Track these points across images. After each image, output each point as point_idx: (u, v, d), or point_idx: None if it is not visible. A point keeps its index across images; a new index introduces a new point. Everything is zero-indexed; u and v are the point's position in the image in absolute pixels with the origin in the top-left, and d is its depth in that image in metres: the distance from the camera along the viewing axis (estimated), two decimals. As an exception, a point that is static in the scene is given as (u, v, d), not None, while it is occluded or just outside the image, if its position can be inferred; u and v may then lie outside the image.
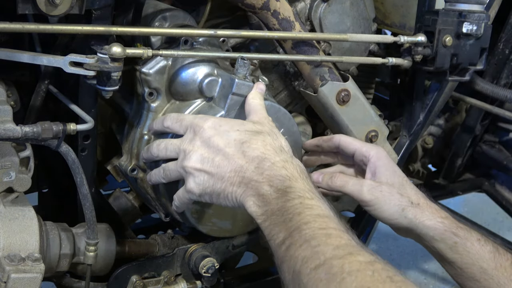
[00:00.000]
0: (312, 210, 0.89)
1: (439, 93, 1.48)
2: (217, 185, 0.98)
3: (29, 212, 1.02)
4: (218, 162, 0.98)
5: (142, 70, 1.12)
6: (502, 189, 2.13)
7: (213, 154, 0.99)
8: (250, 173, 0.96)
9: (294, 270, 0.82)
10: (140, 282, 1.19)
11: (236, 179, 0.97)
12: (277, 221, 0.90)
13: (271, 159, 0.97)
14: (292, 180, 0.95)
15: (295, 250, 0.83)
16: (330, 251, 0.80)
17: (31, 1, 0.91)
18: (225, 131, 1.00)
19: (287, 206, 0.90)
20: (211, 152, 0.99)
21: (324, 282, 0.76)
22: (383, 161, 1.15)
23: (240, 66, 1.11)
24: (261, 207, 0.94)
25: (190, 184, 1.01)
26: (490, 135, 2.06)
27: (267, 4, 1.16)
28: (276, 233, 0.89)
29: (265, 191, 0.94)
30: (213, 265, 1.23)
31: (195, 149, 1.01)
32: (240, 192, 0.97)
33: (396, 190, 1.11)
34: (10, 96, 1.12)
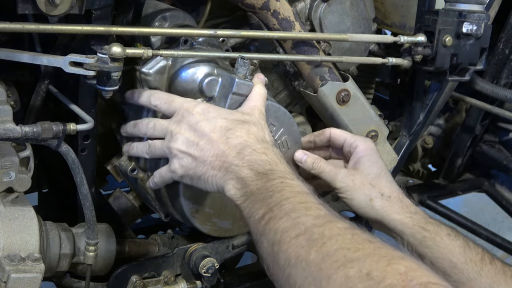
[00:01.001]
0: (292, 188, 0.92)
1: (439, 93, 1.48)
2: (199, 168, 1.02)
3: (29, 212, 1.02)
4: (202, 146, 1.02)
5: (142, 70, 1.12)
6: (502, 189, 2.13)
7: (198, 138, 1.02)
8: (231, 158, 0.99)
9: (274, 241, 0.83)
10: (140, 282, 1.19)
11: (217, 163, 1.00)
12: (257, 199, 0.92)
13: (252, 146, 1.00)
14: (272, 164, 0.98)
15: (275, 223, 0.85)
16: (310, 221, 0.82)
17: (31, 1, 0.91)
18: (213, 118, 1.03)
19: (267, 185, 0.93)
20: (196, 136, 1.02)
21: (305, 248, 0.78)
22: (366, 153, 1.18)
23: (240, 65, 1.11)
24: (240, 189, 0.96)
25: (174, 165, 1.05)
26: (490, 135, 2.06)
27: (267, 4, 1.16)
28: (255, 210, 0.91)
29: (245, 174, 0.97)
30: (213, 265, 1.23)
31: (181, 131, 1.04)
32: (221, 176, 1.00)
33: (368, 181, 1.15)
34: (10, 96, 1.12)
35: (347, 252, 0.74)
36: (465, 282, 1.06)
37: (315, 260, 0.75)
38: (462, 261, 1.07)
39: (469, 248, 1.08)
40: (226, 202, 1.19)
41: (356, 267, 0.71)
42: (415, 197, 1.95)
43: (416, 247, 1.10)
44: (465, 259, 1.07)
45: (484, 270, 1.05)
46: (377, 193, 1.14)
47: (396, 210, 1.13)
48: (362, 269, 0.70)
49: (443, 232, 1.10)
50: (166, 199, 1.19)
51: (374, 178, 1.16)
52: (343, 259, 0.73)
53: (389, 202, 1.13)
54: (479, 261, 1.06)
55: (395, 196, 1.15)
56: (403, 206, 1.14)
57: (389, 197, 1.14)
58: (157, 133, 1.08)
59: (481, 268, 1.06)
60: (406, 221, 1.12)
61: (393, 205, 1.13)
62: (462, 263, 1.07)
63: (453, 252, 1.08)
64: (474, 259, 1.07)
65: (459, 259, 1.07)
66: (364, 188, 1.15)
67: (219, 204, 1.19)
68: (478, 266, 1.06)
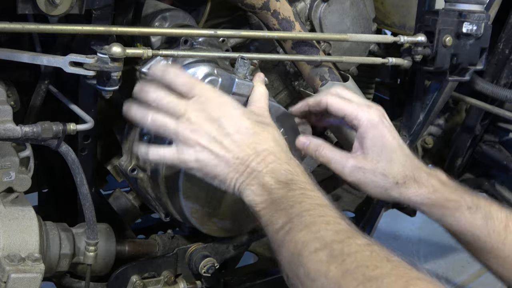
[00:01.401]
0: (312, 199, 0.91)
1: (439, 93, 1.48)
2: (219, 168, 0.97)
3: (29, 212, 1.02)
4: (226, 145, 0.97)
5: (142, 70, 1.12)
6: (502, 189, 2.13)
7: (222, 137, 0.97)
8: (255, 164, 0.96)
9: (294, 253, 0.83)
10: (140, 282, 1.19)
11: (240, 167, 0.97)
12: (277, 208, 0.91)
13: (276, 154, 0.98)
14: (294, 175, 0.96)
15: (295, 234, 0.84)
16: (330, 236, 0.82)
17: (31, 1, 0.91)
18: (237, 116, 0.99)
19: (288, 195, 0.91)
20: (220, 134, 0.97)
21: (325, 264, 0.78)
22: (372, 132, 1.09)
23: (240, 65, 1.11)
24: (261, 196, 0.94)
25: (187, 156, 0.98)
26: (490, 135, 2.06)
27: (267, 4, 1.16)
28: (275, 219, 0.90)
29: (266, 181, 0.94)
30: (213, 265, 1.23)
31: (203, 123, 0.97)
32: (241, 180, 0.97)
33: (380, 171, 1.09)
34: (10, 96, 1.12)
35: (365, 270, 0.74)
36: (490, 251, 1.05)
37: (335, 276, 0.76)
38: (485, 233, 1.05)
39: (491, 219, 1.06)
40: (226, 202, 1.19)
41: (375, 286, 0.71)
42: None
43: (438, 221, 1.09)
44: (488, 231, 1.05)
45: (508, 239, 1.04)
46: (391, 183, 1.09)
47: (413, 192, 1.09)
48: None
49: (463, 207, 1.07)
50: (166, 199, 1.19)
51: (386, 166, 1.09)
52: (362, 277, 0.73)
53: (404, 187, 1.09)
54: (503, 230, 1.05)
55: (410, 178, 1.09)
56: (419, 186, 1.09)
57: (404, 183, 1.09)
58: (168, 107, 0.98)
59: (505, 237, 1.04)
60: (424, 202, 1.09)
61: (409, 189, 1.09)
62: (485, 236, 1.05)
63: (474, 226, 1.06)
64: (498, 229, 1.05)
65: (481, 232, 1.05)
66: (377, 180, 1.09)
67: (219, 204, 1.19)
68: (501, 235, 1.04)
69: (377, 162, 1.09)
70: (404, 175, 1.09)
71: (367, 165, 1.09)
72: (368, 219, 1.60)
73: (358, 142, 1.11)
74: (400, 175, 1.09)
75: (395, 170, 1.09)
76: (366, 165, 1.09)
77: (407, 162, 1.10)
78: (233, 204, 1.20)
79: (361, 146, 1.10)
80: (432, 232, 2.92)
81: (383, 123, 1.10)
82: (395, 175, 1.09)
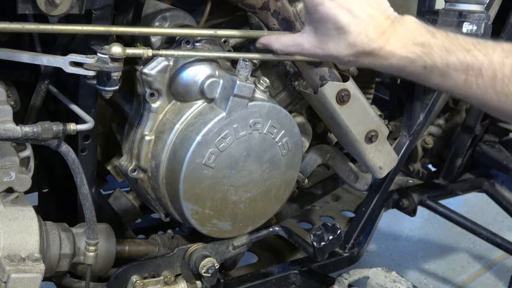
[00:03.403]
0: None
1: (439, 93, 1.48)
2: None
3: (29, 212, 1.02)
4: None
5: (143, 70, 1.12)
6: (502, 189, 2.14)
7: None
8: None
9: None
10: (140, 282, 1.19)
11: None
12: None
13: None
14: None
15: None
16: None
17: (31, 1, 0.91)
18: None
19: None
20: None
21: None
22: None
23: (242, 67, 1.11)
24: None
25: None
26: (490, 135, 2.07)
27: (267, 4, 1.16)
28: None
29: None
30: (213, 265, 1.23)
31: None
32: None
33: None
34: (10, 96, 1.13)
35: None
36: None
37: None
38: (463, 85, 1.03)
39: (472, 74, 1.01)
40: (226, 203, 1.19)
41: None
42: (415, 197, 1.95)
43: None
44: (466, 83, 1.02)
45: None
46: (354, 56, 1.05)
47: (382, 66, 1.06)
48: None
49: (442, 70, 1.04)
50: (166, 199, 1.19)
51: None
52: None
53: (372, 57, 1.05)
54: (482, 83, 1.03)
55: (377, 50, 1.04)
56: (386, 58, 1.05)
57: (370, 53, 1.04)
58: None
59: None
60: (399, 73, 1.06)
61: (377, 60, 1.05)
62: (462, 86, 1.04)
63: (458, 86, 1.03)
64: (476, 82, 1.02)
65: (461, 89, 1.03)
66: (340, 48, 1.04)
67: (219, 206, 1.19)
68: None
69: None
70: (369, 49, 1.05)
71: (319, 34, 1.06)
72: (368, 219, 1.60)
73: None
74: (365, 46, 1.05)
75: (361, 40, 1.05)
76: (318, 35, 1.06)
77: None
78: (233, 205, 1.21)
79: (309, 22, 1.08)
80: (432, 232, 2.93)
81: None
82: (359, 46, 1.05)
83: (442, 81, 1.01)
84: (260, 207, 1.25)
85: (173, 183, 1.14)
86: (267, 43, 1.13)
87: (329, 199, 2.00)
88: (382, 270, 1.46)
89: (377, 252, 2.71)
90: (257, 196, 1.23)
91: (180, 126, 1.14)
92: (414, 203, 1.94)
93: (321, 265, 1.48)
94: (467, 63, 0.97)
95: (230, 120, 1.12)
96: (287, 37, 1.11)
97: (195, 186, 1.14)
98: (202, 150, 1.11)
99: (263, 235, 1.36)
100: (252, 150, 1.17)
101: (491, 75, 0.95)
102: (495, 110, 0.99)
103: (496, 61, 0.95)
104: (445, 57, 0.99)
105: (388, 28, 1.02)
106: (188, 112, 1.15)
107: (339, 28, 1.01)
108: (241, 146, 1.15)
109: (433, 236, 2.90)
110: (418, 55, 1.00)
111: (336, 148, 1.51)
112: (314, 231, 1.27)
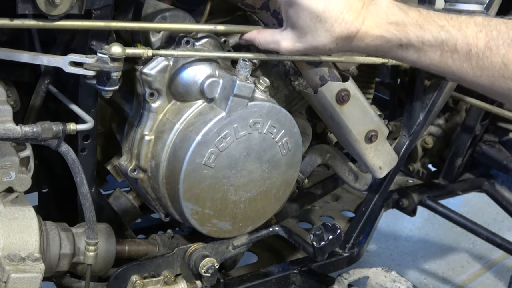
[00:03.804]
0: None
1: (439, 93, 1.48)
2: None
3: (29, 212, 1.02)
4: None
5: (143, 70, 1.12)
6: (502, 189, 2.14)
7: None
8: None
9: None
10: (140, 282, 1.19)
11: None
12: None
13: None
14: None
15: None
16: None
17: (31, 1, 0.91)
18: None
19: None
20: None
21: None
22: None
23: (242, 67, 1.11)
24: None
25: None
26: (490, 135, 2.07)
27: (266, 4, 1.16)
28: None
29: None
30: (213, 265, 1.23)
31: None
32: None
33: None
34: (10, 96, 1.13)
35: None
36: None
37: None
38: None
39: (446, 51, 1.03)
40: (226, 203, 1.19)
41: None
42: (415, 197, 1.96)
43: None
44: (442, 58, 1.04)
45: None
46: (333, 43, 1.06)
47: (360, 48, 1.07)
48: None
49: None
50: (166, 199, 1.19)
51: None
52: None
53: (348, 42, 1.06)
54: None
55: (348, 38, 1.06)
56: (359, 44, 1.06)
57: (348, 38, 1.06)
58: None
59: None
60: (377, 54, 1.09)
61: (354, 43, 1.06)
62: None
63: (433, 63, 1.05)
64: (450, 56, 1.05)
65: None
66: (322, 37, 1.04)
67: (219, 206, 1.19)
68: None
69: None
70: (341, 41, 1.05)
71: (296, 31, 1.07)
72: (368, 219, 1.60)
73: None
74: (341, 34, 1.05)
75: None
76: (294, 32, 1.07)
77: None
78: (233, 205, 1.21)
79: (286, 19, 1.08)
80: (432, 232, 2.93)
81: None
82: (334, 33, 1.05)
83: (418, 57, 1.02)
84: (260, 207, 1.25)
85: (173, 183, 1.14)
86: (249, 39, 1.13)
87: (329, 199, 2.00)
88: (382, 270, 1.46)
89: (377, 252, 2.71)
90: (257, 196, 1.23)
91: (180, 126, 1.14)
92: (414, 203, 1.94)
93: (321, 265, 1.48)
94: (441, 39, 0.98)
95: (230, 120, 1.12)
96: (268, 33, 1.11)
97: (195, 186, 1.14)
98: (202, 150, 1.11)
99: (263, 235, 1.36)
100: (252, 150, 1.17)
101: (465, 49, 0.97)
102: (471, 84, 1.00)
103: (470, 36, 0.96)
104: (420, 34, 1.00)
105: (361, 10, 1.02)
106: (188, 112, 1.15)
107: (315, 17, 1.01)
108: (241, 146, 1.15)
109: (433, 236, 2.90)
110: (393, 34, 1.01)
111: (336, 148, 1.51)
112: (314, 231, 1.27)
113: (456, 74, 1.00)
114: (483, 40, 0.95)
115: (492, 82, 0.96)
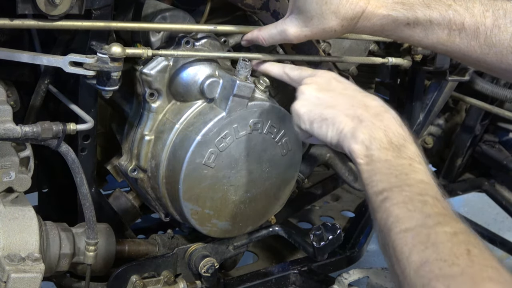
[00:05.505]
0: (417, 174, 0.89)
1: (439, 93, 1.48)
2: (329, 110, 0.97)
3: (29, 212, 1.02)
4: (335, 96, 0.99)
5: (143, 70, 1.12)
6: (502, 189, 2.13)
7: (329, 93, 0.99)
8: (368, 115, 0.95)
9: (386, 224, 0.84)
10: (140, 282, 1.19)
11: (351, 112, 0.95)
12: (381, 170, 0.89)
13: (391, 113, 0.97)
14: (406, 141, 0.93)
15: (390, 205, 0.84)
16: (421, 219, 0.82)
17: (31, 1, 0.91)
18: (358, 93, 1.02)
19: (396, 162, 0.90)
20: (327, 90, 1.00)
21: (409, 246, 0.79)
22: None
23: (242, 67, 1.11)
24: (369, 149, 0.91)
25: (299, 104, 1.00)
26: (490, 135, 2.07)
27: (266, 4, 1.16)
28: (375, 181, 0.89)
29: (378, 136, 0.92)
30: (213, 265, 1.23)
31: (314, 80, 1.02)
32: (351, 125, 0.94)
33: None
34: (10, 96, 1.12)
35: (443, 264, 0.75)
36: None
37: (415, 263, 0.77)
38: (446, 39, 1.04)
39: (452, 29, 1.03)
40: (226, 203, 1.19)
41: (446, 284, 0.72)
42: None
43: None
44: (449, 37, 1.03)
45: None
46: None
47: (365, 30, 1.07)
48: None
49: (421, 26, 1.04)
50: (166, 199, 1.19)
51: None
52: (438, 271, 0.74)
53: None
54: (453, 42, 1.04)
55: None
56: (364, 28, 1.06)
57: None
58: (293, 76, 1.07)
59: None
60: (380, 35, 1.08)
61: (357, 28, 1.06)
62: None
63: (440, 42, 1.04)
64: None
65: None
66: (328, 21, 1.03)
67: (218, 206, 1.19)
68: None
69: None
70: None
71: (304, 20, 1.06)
72: (368, 219, 1.60)
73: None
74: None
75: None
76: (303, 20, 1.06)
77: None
78: (233, 205, 1.21)
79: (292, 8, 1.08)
80: (432, 232, 2.92)
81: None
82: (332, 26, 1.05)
83: (425, 36, 1.02)
84: (260, 207, 1.25)
85: (173, 183, 1.14)
86: (251, 38, 1.13)
87: (329, 199, 2.00)
88: (382, 270, 1.46)
89: (377, 252, 2.71)
90: (257, 196, 1.23)
91: (180, 126, 1.14)
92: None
93: (321, 265, 1.48)
94: (449, 18, 0.99)
95: (230, 120, 1.12)
96: (270, 27, 1.10)
97: (195, 186, 1.14)
98: (202, 150, 1.11)
99: (263, 235, 1.36)
100: (252, 150, 1.17)
101: (473, 28, 0.97)
102: (477, 62, 1.01)
103: (477, 14, 0.97)
104: (427, 12, 1.00)
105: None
106: (188, 112, 1.15)
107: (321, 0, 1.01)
108: (241, 146, 1.15)
109: (433, 236, 2.90)
110: (400, 12, 1.01)
111: (336, 148, 1.51)
112: (314, 231, 1.27)
113: (463, 52, 1.01)
114: (491, 18, 0.96)
115: (499, 59, 0.98)
